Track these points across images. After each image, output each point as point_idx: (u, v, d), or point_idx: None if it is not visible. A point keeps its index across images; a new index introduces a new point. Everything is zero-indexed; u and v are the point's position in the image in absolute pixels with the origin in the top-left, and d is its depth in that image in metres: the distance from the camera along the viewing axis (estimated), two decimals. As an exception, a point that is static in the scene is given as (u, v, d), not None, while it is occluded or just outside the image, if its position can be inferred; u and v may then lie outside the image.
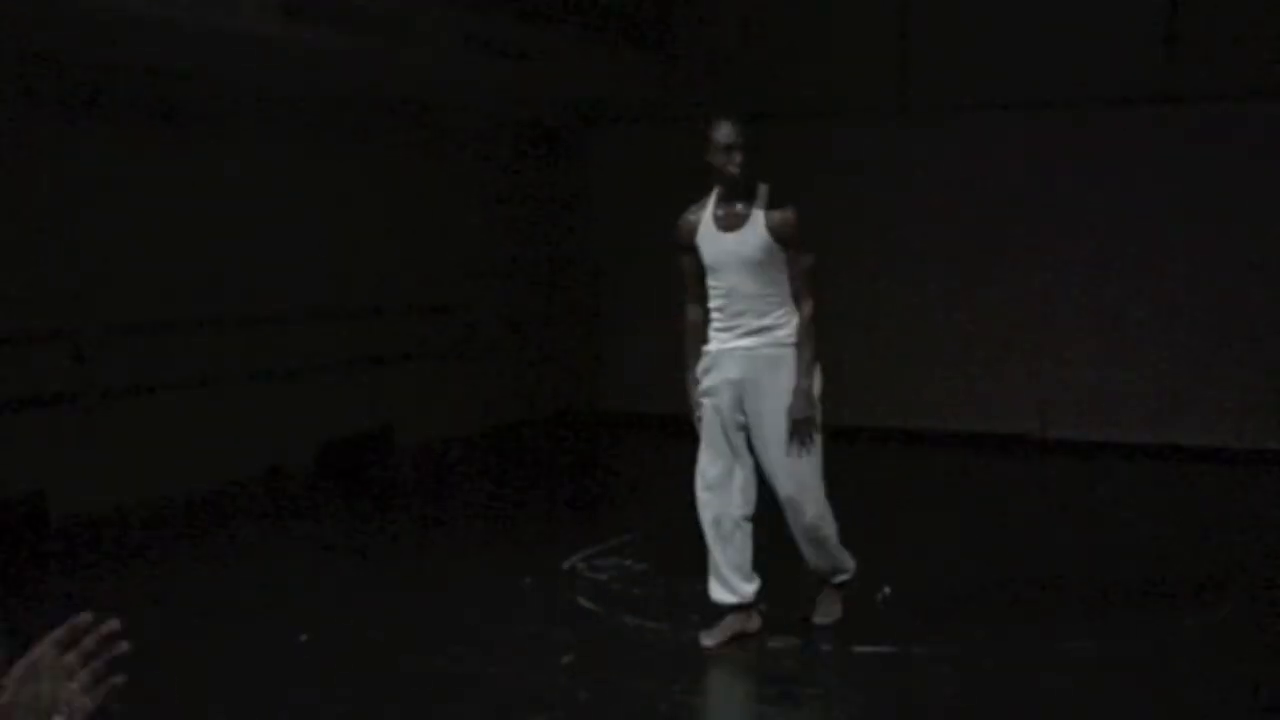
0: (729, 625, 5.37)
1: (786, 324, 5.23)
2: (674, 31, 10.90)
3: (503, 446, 10.41)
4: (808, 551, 5.40)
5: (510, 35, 8.95)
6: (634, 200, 11.21)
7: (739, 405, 5.29)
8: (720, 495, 5.35)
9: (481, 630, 5.67)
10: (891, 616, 5.79)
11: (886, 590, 6.09)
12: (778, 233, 5.20)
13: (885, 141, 10.41)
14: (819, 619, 5.56)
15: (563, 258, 11.52)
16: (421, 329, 10.22)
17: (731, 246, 5.23)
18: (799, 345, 5.21)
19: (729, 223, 5.27)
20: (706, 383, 5.34)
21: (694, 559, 6.69)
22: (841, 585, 5.58)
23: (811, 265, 5.27)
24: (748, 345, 5.24)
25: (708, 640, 5.35)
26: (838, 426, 5.63)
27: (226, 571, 6.60)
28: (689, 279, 5.41)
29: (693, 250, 5.36)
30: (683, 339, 5.47)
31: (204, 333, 8.37)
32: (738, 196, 5.28)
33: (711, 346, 5.33)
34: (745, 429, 5.32)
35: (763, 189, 5.28)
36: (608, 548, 6.95)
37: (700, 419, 5.42)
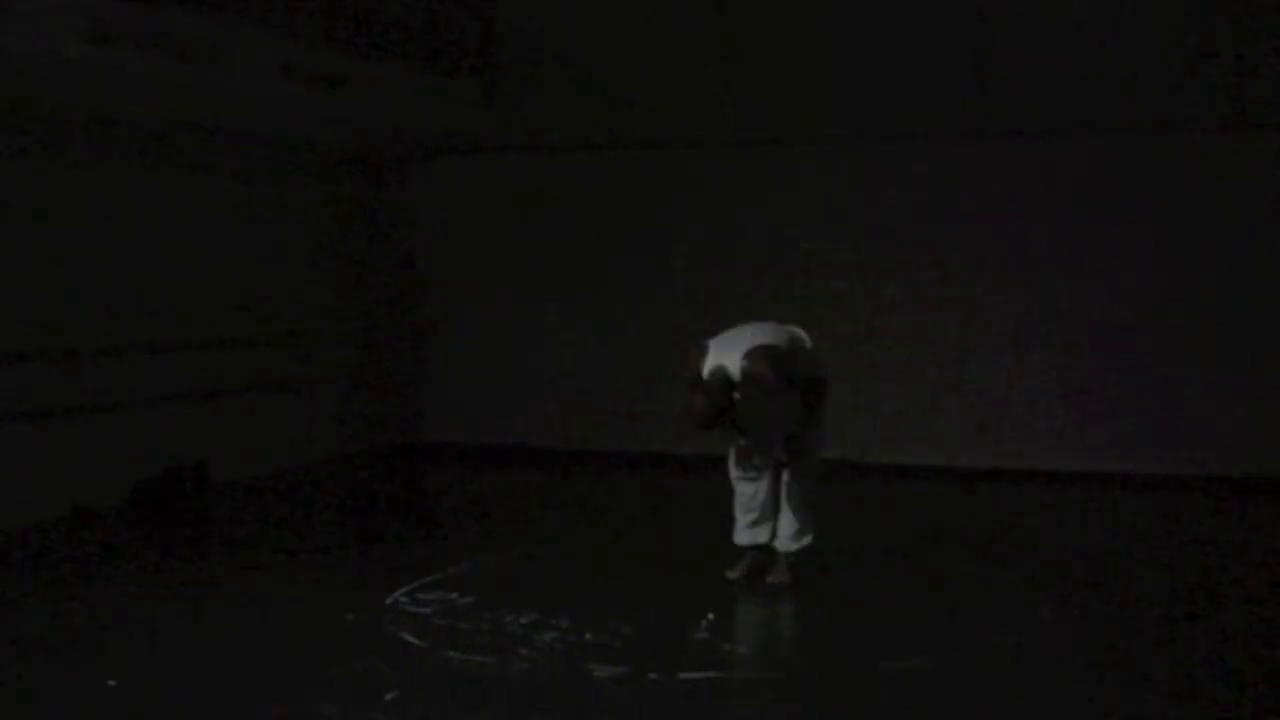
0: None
1: None
2: (498, 63, 10.90)
3: (325, 481, 10.21)
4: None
5: (330, 64, 8.83)
6: (460, 230, 11.16)
7: None
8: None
9: (302, 669, 5.53)
10: (716, 643, 5.83)
11: (710, 617, 6.13)
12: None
13: (710, 172, 10.55)
14: (773, 579, 6.63)
15: (387, 288, 11.38)
16: (240, 361, 9.97)
17: None
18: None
19: None
20: None
21: (520, 591, 6.67)
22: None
23: None
24: None
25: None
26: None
27: (29, 616, 6.31)
28: None
29: None
30: None
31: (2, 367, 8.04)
32: None
33: None
34: None
35: None
36: (432, 581, 6.85)
37: None
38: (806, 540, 6.67)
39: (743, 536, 6.80)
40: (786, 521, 6.67)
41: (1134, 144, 9.71)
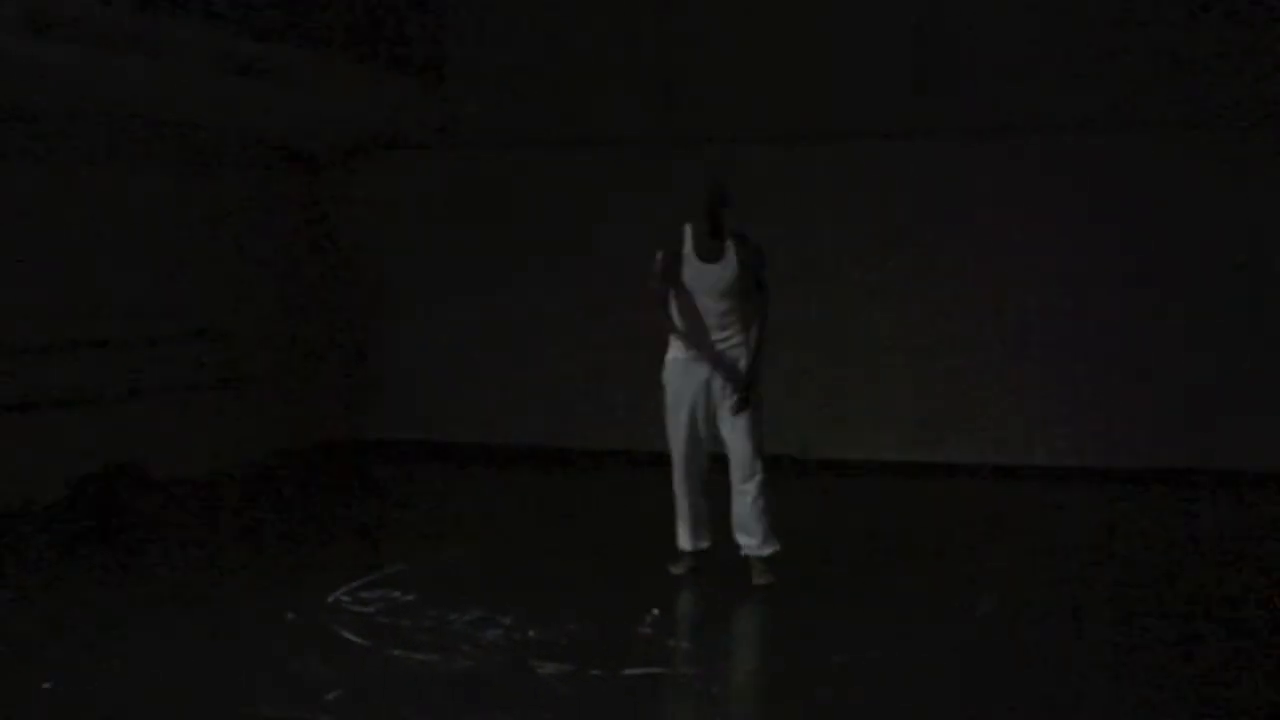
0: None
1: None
2: (445, 58, 10.83)
3: (267, 478, 10.11)
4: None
5: (270, 57, 8.73)
6: (403, 225, 11.08)
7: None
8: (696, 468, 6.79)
9: (242, 669, 5.47)
10: (661, 639, 5.83)
11: (655, 612, 6.13)
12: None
13: (652, 170, 10.52)
14: (759, 580, 6.62)
15: (330, 284, 11.28)
16: (179, 358, 9.84)
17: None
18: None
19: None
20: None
21: (464, 588, 6.64)
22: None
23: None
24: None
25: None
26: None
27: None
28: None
29: None
30: None
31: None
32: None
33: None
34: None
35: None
36: (374, 579, 6.81)
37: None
38: (776, 547, 6.68)
39: (685, 541, 6.90)
40: (750, 527, 6.67)
41: (1126, 142, 9.70)
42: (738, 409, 6.61)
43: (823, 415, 10.16)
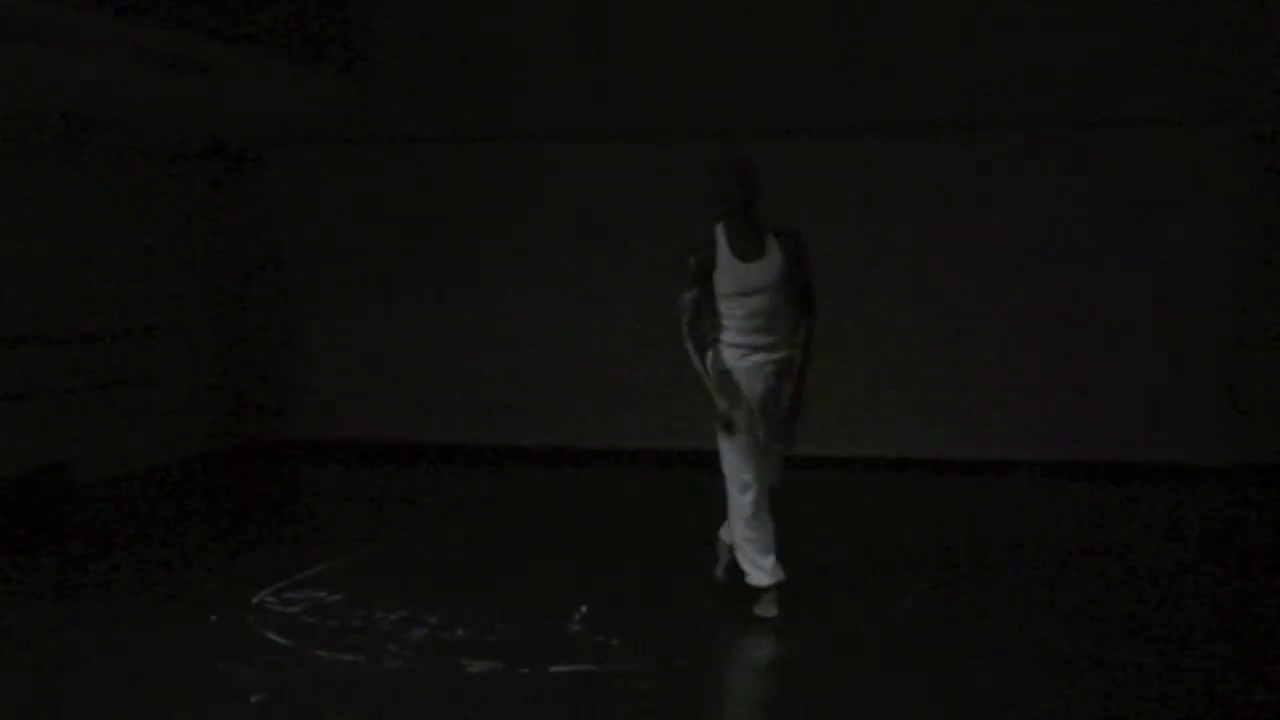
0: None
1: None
2: (366, 53, 10.74)
3: (190, 479, 9.98)
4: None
5: (192, 53, 8.61)
6: (325, 222, 10.97)
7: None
8: (759, 494, 6.08)
9: (166, 672, 5.40)
10: (589, 635, 5.83)
11: (583, 609, 6.13)
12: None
13: (583, 163, 10.51)
14: (761, 611, 6.11)
15: (250, 281, 11.16)
16: (98, 357, 9.69)
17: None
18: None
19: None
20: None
21: (389, 588, 6.59)
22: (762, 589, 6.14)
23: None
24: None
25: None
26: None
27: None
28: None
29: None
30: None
31: None
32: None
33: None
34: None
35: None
36: (299, 580, 6.75)
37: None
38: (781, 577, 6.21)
39: (767, 574, 6.14)
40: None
41: (1066, 137, 9.77)
42: (784, 438, 6.17)
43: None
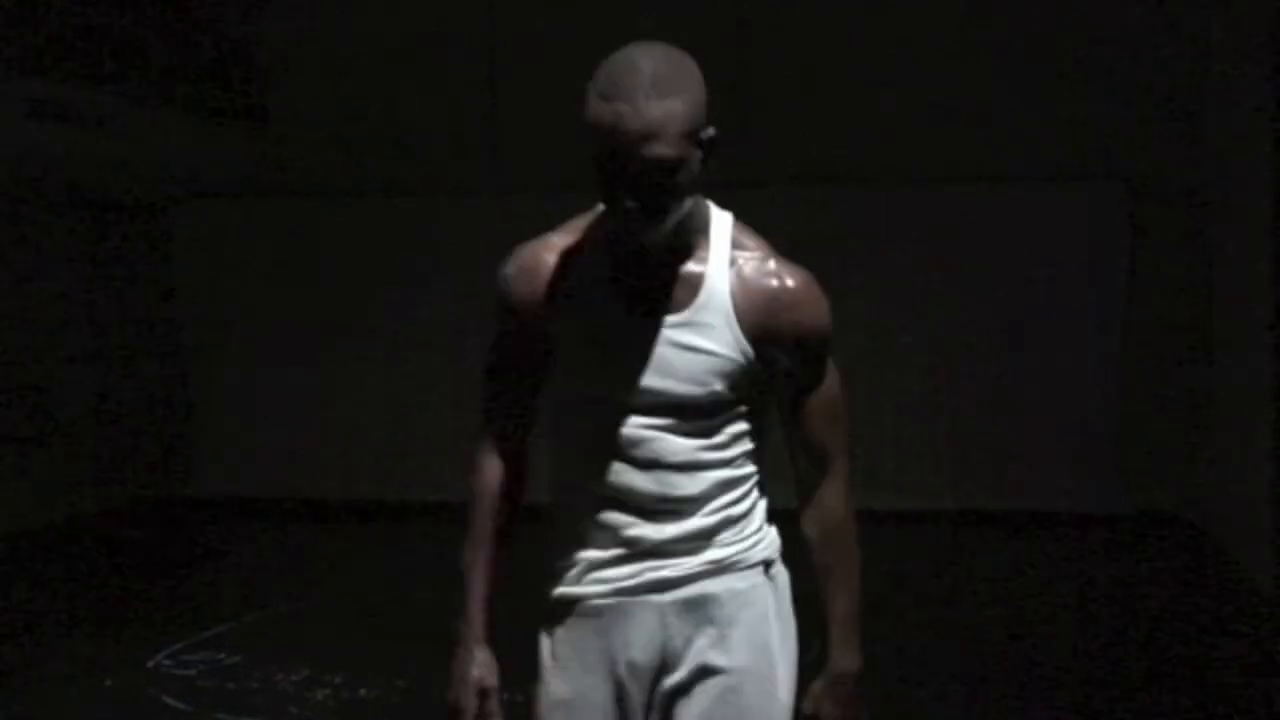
0: None
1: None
2: (269, 107, 10.67)
3: (81, 538, 9.74)
4: None
5: (86, 104, 8.50)
6: (228, 275, 10.85)
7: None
8: None
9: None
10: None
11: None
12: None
13: (481, 221, 10.51)
14: None
15: (149, 336, 10.97)
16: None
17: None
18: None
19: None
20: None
21: (291, 648, 6.48)
22: None
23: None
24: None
25: None
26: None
27: None
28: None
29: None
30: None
31: None
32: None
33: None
34: None
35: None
36: (197, 641, 6.61)
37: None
38: None
39: None
40: None
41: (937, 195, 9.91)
42: None
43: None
